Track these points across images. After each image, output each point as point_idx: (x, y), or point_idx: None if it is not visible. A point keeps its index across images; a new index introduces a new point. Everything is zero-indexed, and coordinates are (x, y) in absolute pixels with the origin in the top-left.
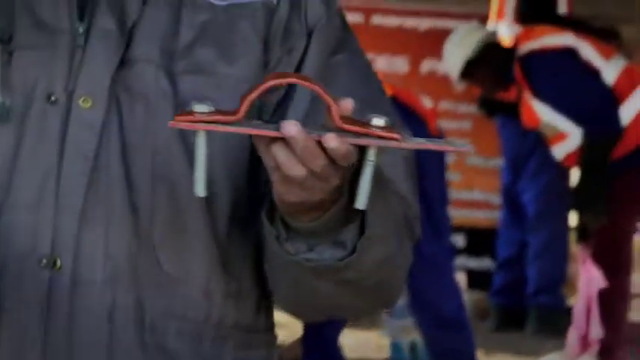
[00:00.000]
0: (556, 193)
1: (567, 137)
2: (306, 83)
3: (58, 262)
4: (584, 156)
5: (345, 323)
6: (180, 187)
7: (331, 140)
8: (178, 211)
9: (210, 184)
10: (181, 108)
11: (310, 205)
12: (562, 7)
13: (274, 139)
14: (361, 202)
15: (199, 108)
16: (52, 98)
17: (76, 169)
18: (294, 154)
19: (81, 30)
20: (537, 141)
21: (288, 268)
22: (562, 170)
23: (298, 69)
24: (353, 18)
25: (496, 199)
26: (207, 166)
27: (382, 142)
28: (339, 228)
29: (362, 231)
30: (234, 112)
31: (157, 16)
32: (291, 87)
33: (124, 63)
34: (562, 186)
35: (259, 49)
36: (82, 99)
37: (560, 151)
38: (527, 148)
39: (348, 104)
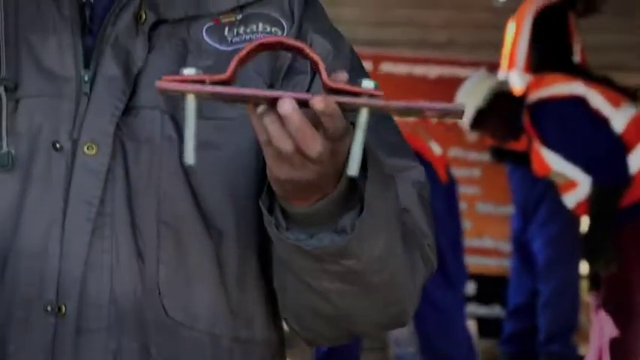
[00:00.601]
0: (566, 241)
1: (577, 186)
2: (291, 42)
3: (63, 309)
4: (592, 204)
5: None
6: (186, 232)
7: (318, 102)
8: (184, 257)
9: (216, 224)
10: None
11: (304, 185)
12: (576, 57)
13: (268, 111)
14: (353, 168)
15: (188, 71)
16: (57, 145)
17: (80, 215)
18: (286, 128)
19: (86, 77)
20: (547, 188)
21: (292, 262)
22: (572, 218)
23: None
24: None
25: (506, 246)
26: (196, 132)
27: (371, 102)
28: (339, 216)
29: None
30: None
31: (162, 63)
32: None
33: (129, 109)
34: (572, 234)
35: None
36: (86, 146)
37: (570, 199)
38: (537, 196)
39: (343, 75)
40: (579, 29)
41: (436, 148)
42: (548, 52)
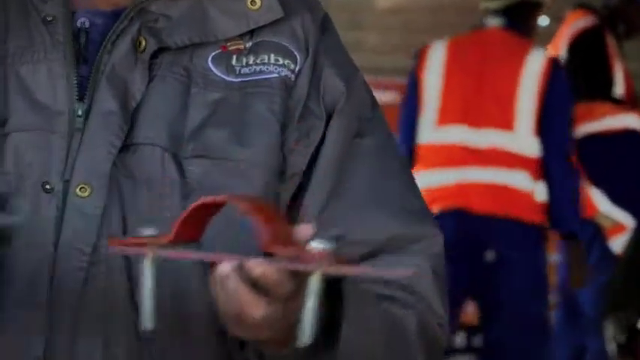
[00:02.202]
0: None
1: (626, 230)
2: (238, 201)
3: None
4: (629, 248)
5: None
6: (186, 278)
7: (254, 268)
8: (185, 305)
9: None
10: (192, 197)
11: (268, 338)
12: (619, 88)
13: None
14: (305, 336)
15: (146, 231)
16: (48, 187)
17: (71, 264)
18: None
19: (80, 111)
20: (596, 233)
21: None
22: None
23: (316, 154)
24: (386, 97)
25: (552, 297)
26: (153, 295)
27: (319, 268)
28: (320, 353)
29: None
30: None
31: (163, 95)
32: (306, 176)
33: (127, 146)
34: None
35: (276, 130)
36: (79, 187)
37: (618, 244)
38: (585, 242)
39: (306, 231)
40: (621, 54)
41: None
42: (588, 80)
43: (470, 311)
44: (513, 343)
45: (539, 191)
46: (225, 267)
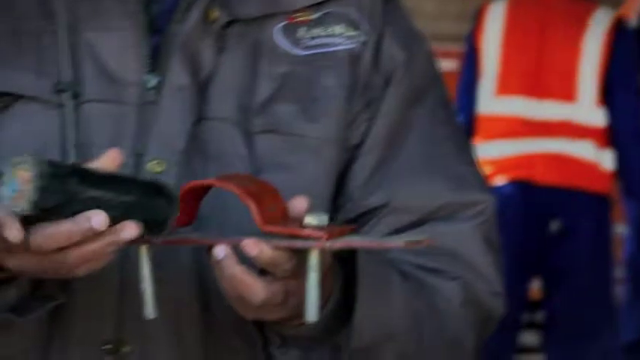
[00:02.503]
0: None
1: None
2: (223, 184)
3: (124, 347)
4: None
5: None
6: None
7: (250, 248)
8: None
9: None
10: (261, 173)
11: (281, 317)
12: None
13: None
14: (310, 314)
15: None
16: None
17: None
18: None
19: (151, 83)
20: None
21: None
22: None
23: (370, 124)
24: (444, 65)
25: (619, 272)
26: (153, 282)
27: (313, 244)
28: (333, 332)
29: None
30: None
31: (232, 68)
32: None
33: (197, 121)
34: None
35: (344, 105)
36: (153, 162)
37: None
38: None
39: (301, 205)
40: None
41: None
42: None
43: (533, 286)
44: (577, 316)
45: (606, 160)
46: (220, 250)
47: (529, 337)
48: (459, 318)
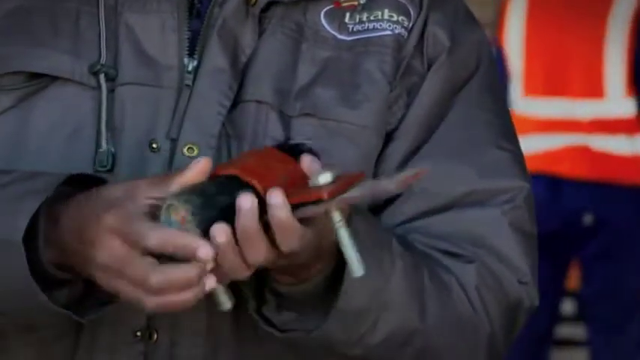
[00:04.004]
0: None
1: None
2: (226, 171)
3: (155, 335)
4: None
5: None
6: None
7: (275, 195)
8: None
9: None
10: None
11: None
12: None
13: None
14: (355, 269)
15: None
16: (154, 145)
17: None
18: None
19: (190, 67)
20: None
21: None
22: None
23: (408, 110)
24: None
25: None
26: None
27: (316, 210)
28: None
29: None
30: None
31: (272, 50)
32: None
33: (234, 104)
34: None
35: (385, 91)
36: (187, 147)
37: None
38: None
39: (310, 164)
40: None
41: None
42: None
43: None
44: (614, 305)
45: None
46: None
47: (568, 329)
48: (473, 301)
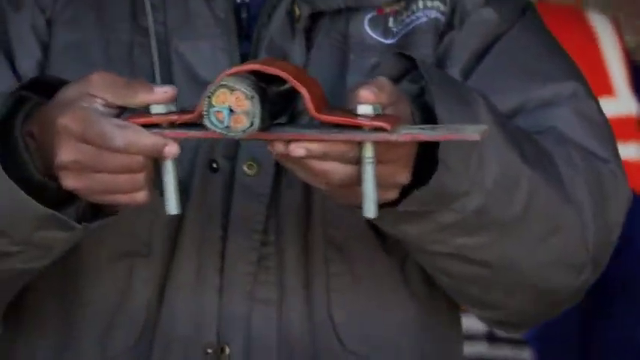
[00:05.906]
0: None
1: None
2: (270, 69)
3: (227, 350)
4: None
5: None
6: (359, 252)
7: (296, 149)
8: (358, 280)
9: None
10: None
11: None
12: None
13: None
14: (369, 210)
15: (156, 109)
16: (214, 165)
17: (243, 244)
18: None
19: None
20: None
21: (407, 235)
22: None
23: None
24: None
25: None
26: (176, 178)
27: (369, 135)
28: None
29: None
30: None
31: (321, 63)
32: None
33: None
34: None
35: None
36: (246, 165)
37: None
38: None
39: (368, 94)
40: None
41: None
42: None
43: None
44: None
45: None
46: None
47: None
48: (579, 181)
